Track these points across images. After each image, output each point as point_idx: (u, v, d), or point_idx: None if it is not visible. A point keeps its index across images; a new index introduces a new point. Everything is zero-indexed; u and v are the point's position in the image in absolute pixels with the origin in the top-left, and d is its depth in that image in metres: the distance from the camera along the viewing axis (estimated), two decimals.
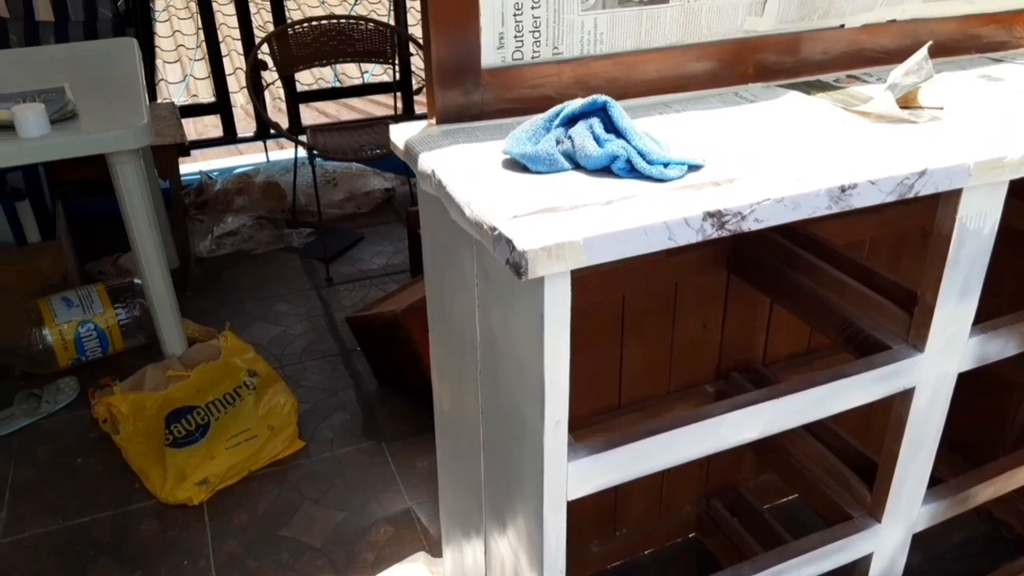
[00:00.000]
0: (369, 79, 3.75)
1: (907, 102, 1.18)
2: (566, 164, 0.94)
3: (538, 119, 0.98)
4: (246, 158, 3.80)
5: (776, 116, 1.16)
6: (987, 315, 1.21)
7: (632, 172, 0.92)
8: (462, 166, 0.97)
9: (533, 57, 1.13)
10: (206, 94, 5.50)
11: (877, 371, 1.12)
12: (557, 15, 1.12)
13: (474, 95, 1.11)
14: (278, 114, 3.76)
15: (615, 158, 0.92)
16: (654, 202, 0.86)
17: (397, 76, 3.40)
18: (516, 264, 0.77)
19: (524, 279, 0.77)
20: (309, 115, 3.95)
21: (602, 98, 0.95)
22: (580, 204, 0.85)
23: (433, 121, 1.11)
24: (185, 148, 2.86)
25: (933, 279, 1.10)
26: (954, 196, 1.02)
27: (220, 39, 3.36)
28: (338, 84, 3.81)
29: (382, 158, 2.88)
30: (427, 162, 1.00)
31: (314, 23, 3.08)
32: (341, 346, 2.54)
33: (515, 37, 1.10)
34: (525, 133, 0.96)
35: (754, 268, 1.46)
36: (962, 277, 1.10)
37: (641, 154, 0.91)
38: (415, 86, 3.50)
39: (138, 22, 3.02)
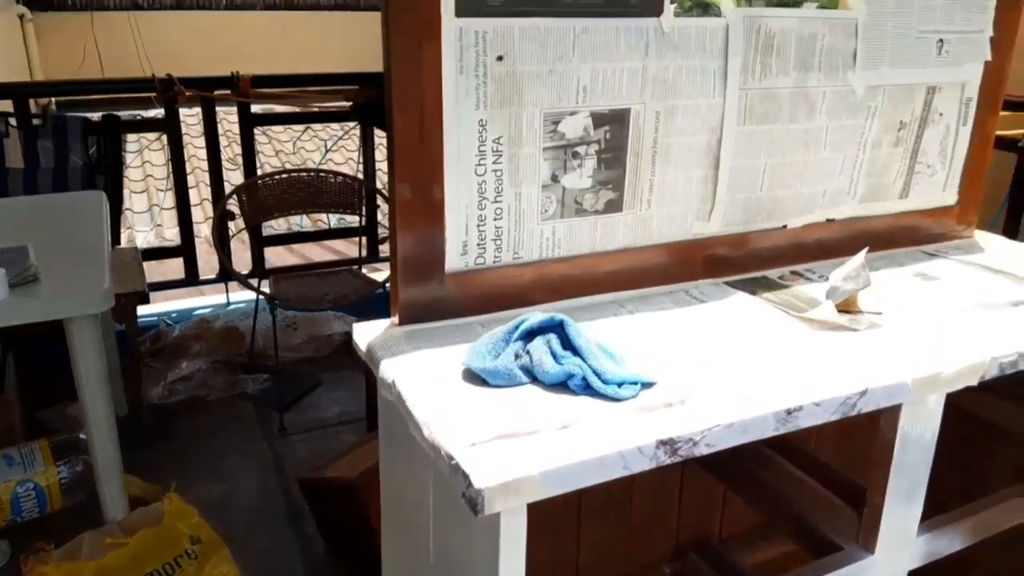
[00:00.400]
0: (336, 223, 3.85)
1: (848, 306, 1.24)
2: (524, 378, 0.97)
3: (498, 332, 1.01)
4: (207, 299, 3.80)
5: (724, 320, 1.21)
6: (933, 509, 1.23)
7: (587, 390, 0.95)
8: (423, 377, 0.99)
9: (495, 261, 1.18)
10: (172, 223, 5.54)
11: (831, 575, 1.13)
12: (518, 224, 1.17)
13: (437, 295, 1.15)
14: (242, 247, 3.81)
15: (571, 376, 0.95)
16: (609, 427, 0.88)
17: (363, 222, 3.48)
18: (472, 500, 0.77)
19: (480, 515, 0.77)
20: (274, 252, 4.00)
21: (559, 316, 0.99)
22: (537, 428, 0.87)
23: (396, 320, 1.14)
24: (145, 296, 2.86)
25: (879, 482, 1.13)
26: (895, 408, 1.07)
27: (191, 185, 3.42)
28: (305, 228, 3.90)
29: (343, 307, 2.90)
30: (388, 371, 1.02)
31: (284, 175, 3.17)
32: (291, 506, 2.46)
33: (478, 244, 1.15)
34: (485, 346, 0.99)
35: (710, 455, 1.47)
36: (907, 482, 1.13)
37: (596, 373, 0.94)
38: (380, 235, 3.58)
39: (108, 169, 3.07)
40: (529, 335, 1.00)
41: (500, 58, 1.08)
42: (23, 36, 6.81)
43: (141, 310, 3.21)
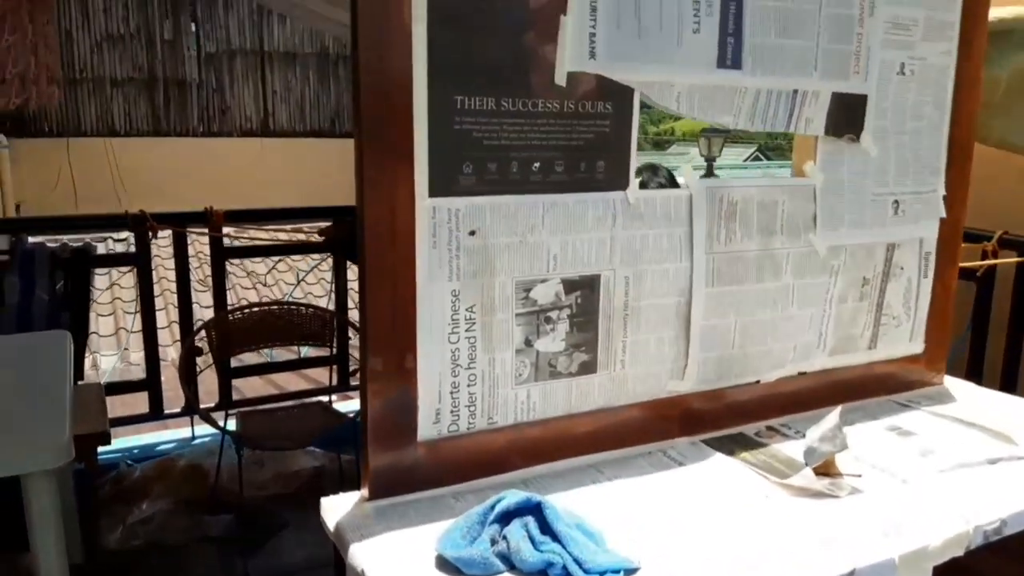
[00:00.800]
0: (306, 353, 3.82)
1: (826, 468, 1.23)
2: (500, 566, 0.93)
3: (473, 514, 0.98)
4: (173, 432, 3.69)
5: (705, 488, 1.19)
6: None
7: None
8: (394, 565, 0.95)
9: (469, 428, 1.16)
10: (139, 346, 5.44)
11: None
12: (492, 390, 1.16)
13: (409, 465, 1.12)
14: (211, 373, 3.74)
15: (551, 565, 0.91)
16: None
17: (334, 351, 3.44)
18: None
19: None
20: (241, 382, 3.94)
21: (536, 497, 0.97)
22: None
23: (366, 493, 1.11)
24: (106, 436, 2.76)
25: None
26: None
27: (159, 308, 3.39)
28: (276, 357, 3.86)
29: (309, 444, 2.83)
30: (358, 558, 0.97)
31: (254, 309, 3.15)
32: None
33: (452, 411, 1.14)
34: (459, 531, 0.96)
35: None
36: None
37: (577, 562, 0.91)
38: (351, 367, 3.54)
39: (74, 305, 3.03)
40: (506, 516, 0.97)
41: (472, 232, 1.10)
42: None
43: (104, 447, 3.11)
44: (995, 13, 2.61)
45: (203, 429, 3.70)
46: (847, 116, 1.41)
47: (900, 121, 1.49)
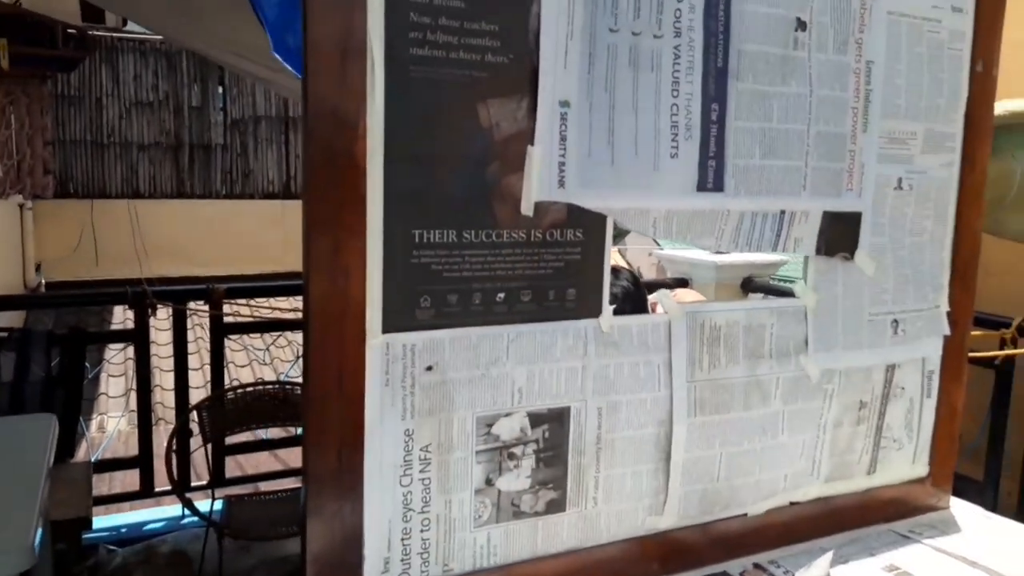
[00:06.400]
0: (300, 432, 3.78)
1: None
2: None
3: None
4: (163, 510, 3.62)
5: None
6: None
7: None
8: None
9: None
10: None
11: None
12: (448, 535, 1.08)
13: None
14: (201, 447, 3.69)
15: None
16: None
17: None
18: None
19: None
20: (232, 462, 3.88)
21: None
22: None
23: None
24: (88, 522, 2.70)
25: None
26: None
27: (153, 404, 3.36)
28: (271, 436, 3.81)
29: (296, 535, 2.73)
30: None
31: (248, 388, 3.10)
32: None
33: (402, 560, 1.06)
34: None
35: None
36: None
37: None
38: None
39: (69, 382, 3.01)
40: None
41: (430, 368, 1.03)
42: (20, 224, 7.00)
43: (94, 520, 3.04)
44: (1006, 106, 2.56)
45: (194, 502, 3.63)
46: (840, 234, 1.35)
47: (899, 236, 1.42)
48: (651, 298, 2.03)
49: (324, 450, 0.98)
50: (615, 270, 1.97)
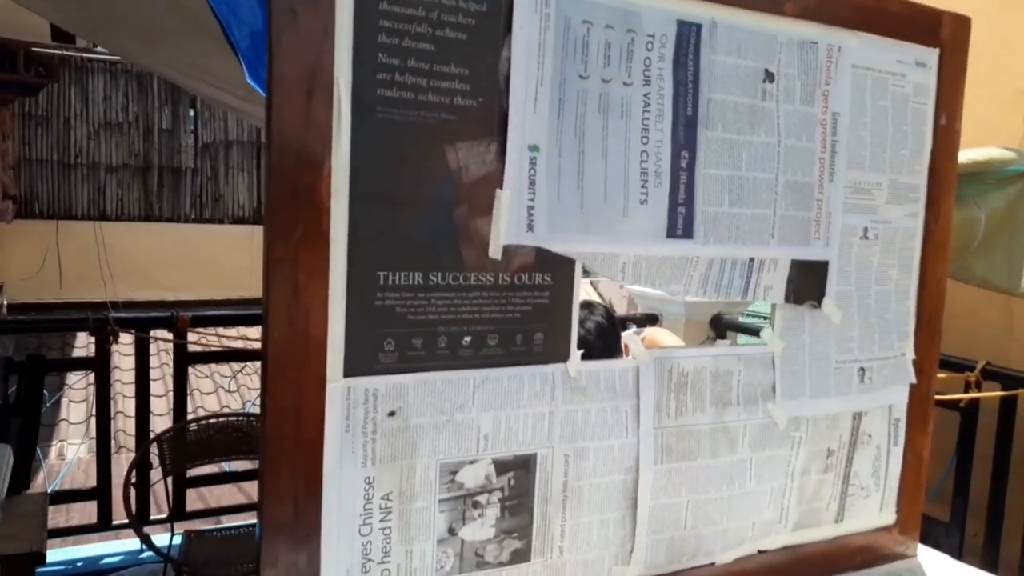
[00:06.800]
0: None
1: None
2: None
3: None
4: (122, 543, 3.51)
5: None
6: None
7: None
8: None
9: None
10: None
11: None
12: None
13: None
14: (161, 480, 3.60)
15: None
16: None
17: None
18: None
19: None
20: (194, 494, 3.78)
21: None
22: None
23: None
24: (41, 556, 2.60)
25: None
26: None
27: (115, 431, 3.27)
28: (231, 468, 3.73)
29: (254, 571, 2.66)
30: None
31: (211, 420, 3.04)
32: None
33: None
34: None
35: None
36: None
37: None
38: None
39: (25, 410, 2.92)
40: None
41: (392, 413, 1.01)
42: None
43: (50, 553, 2.93)
44: (969, 155, 2.61)
45: (154, 539, 3.53)
46: (808, 282, 1.35)
47: (865, 285, 1.43)
48: (623, 336, 2.02)
49: (280, 497, 0.95)
50: (589, 304, 1.96)
